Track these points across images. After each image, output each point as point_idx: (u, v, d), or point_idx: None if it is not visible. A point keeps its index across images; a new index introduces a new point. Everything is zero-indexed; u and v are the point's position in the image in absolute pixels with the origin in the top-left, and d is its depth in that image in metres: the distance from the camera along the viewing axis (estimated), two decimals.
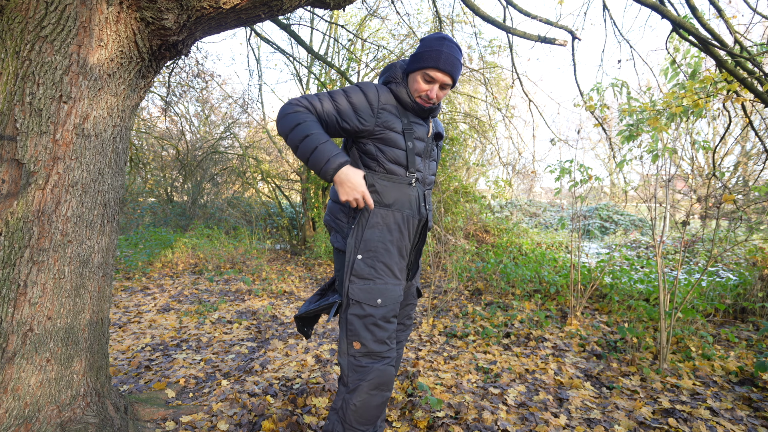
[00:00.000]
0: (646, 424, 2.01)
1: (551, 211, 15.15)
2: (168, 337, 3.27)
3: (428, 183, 1.64)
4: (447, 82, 1.49)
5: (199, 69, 9.00)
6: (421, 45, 1.51)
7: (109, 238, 1.69)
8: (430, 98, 1.50)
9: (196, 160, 9.77)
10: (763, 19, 3.97)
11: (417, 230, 1.59)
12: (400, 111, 1.54)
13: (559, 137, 5.48)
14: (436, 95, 1.51)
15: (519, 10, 3.61)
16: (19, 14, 1.43)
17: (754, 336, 3.20)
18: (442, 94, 1.54)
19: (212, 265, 6.21)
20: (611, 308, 3.92)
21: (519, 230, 8.15)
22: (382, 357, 1.48)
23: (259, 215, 9.90)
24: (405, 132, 1.52)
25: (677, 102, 3.15)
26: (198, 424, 1.95)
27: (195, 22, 1.63)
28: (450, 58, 1.46)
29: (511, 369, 2.66)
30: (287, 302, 4.48)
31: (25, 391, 1.44)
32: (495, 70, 7.94)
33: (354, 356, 1.47)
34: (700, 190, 8.25)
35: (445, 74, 1.48)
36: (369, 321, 1.46)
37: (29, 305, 1.45)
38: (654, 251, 5.68)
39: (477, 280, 4.99)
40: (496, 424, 2.00)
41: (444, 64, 1.46)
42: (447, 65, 1.46)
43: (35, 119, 1.44)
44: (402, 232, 1.52)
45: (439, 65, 1.45)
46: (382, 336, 1.47)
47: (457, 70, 1.50)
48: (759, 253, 4.12)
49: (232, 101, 10.71)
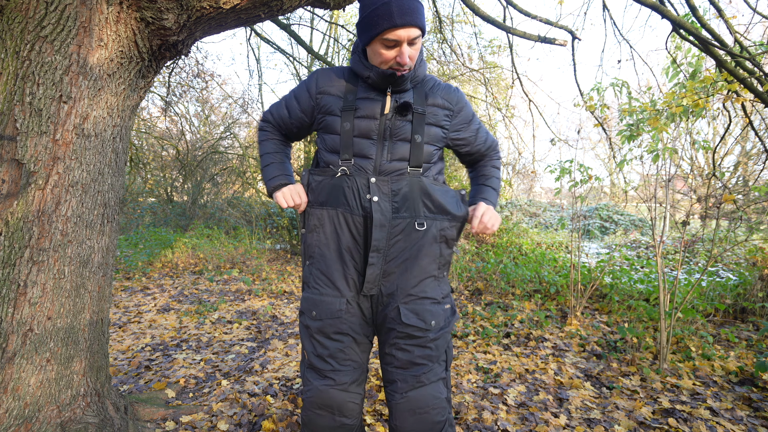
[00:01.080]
0: (646, 424, 2.01)
1: (551, 211, 15.15)
2: (168, 337, 3.27)
3: (387, 171, 1.29)
4: (413, 35, 1.18)
5: (199, 69, 9.00)
6: (363, 6, 1.21)
7: (109, 238, 1.69)
8: (403, 64, 1.22)
9: (196, 160, 9.77)
10: (763, 18, 3.97)
11: (362, 229, 1.29)
12: (348, 89, 1.31)
13: (559, 137, 5.48)
14: (408, 57, 1.21)
15: (519, 10, 3.62)
16: (19, 14, 1.43)
17: (754, 336, 3.20)
18: (414, 52, 1.23)
19: (212, 265, 6.21)
20: (611, 308, 3.91)
21: (519, 230, 8.15)
22: (323, 375, 1.33)
23: (259, 215, 9.90)
24: (343, 112, 1.29)
25: (677, 102, 3.15)
26: (198, 424, 1.95)
27: (195, 22, 1.63)
28: (403, 5, 1.15)
29: (511, 369, 2.66)
30: (287, 302, 4.48)
31: (25, 391, 1.44)
32: (495, 70, 7.95)
33: (303, 366, 1.40)
34: (700, 190, 8.25)
35: (408, 27, 1.16)
36: (308, 332, 1.35)
37: (29, 305, 1.45)
38: (654, 251, 5.67)
39: (477, 280, 4.99)
40: (496, 424, 2.00)
41: (400, 17, 1.14)
42: (405, 16, 1.15)
43: (35, 119, 1.44)
44: (338, 232, 1.30)
45: (395, 21, 1.15)
46: (322, 352, 1.32)
47: (419, 13, 1.18)
48: (759, 253, 4.12)
49: (232, 101, 10.72)
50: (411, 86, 1.33)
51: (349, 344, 1.34)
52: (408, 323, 1.29)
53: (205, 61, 17.67)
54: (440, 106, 1.34)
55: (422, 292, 1.31)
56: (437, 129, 1.34)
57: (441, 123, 1.35)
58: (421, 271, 1.31)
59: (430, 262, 1.32)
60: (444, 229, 1.33)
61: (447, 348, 1.37)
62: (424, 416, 1.30)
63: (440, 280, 1.36)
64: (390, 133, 1.30)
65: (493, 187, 1.47)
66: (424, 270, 1.31)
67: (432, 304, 1.32)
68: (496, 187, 1.48)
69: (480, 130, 1.46)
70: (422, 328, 1.30)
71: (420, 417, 1.30)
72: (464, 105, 1.41)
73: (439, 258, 1.34)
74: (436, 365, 1.33)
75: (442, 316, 1.33)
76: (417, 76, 1.32)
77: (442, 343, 1.34)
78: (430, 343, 1.31)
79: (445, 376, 1.36)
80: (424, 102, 1.33)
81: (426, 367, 1.32)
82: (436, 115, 1.34)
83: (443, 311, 1.34)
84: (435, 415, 1.31)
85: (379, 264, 1.30)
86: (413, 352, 1.31)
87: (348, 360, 1.34)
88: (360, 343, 1.36)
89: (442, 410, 1.33)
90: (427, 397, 1.31)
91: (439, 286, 1.35)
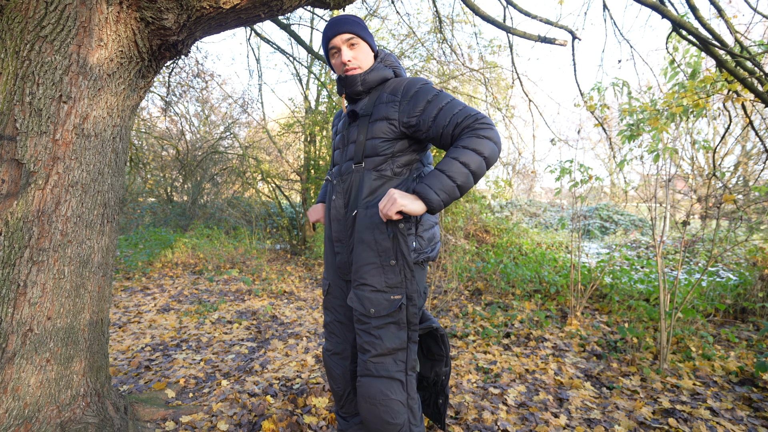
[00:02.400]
0: (646, 424, 2.01)
1: (551, 211, 15.14)
2: (168, 337, 3.27)
3: (344, 172, 1.49)
4: (345, 38, 1.43)
5: (199, 69, 9.00)
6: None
7: (109, 238, 1.68)
8: (345, 63, 1.44)
9: (196, 160, 9.77)
10: (763, 18, 3.96)
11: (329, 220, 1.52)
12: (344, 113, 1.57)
13: (559, 137, 5.48)
14: (349, 57, 1.43)
15: (519, 10, 3.61)
16: (19, 14, 1.43)
17: (754, 336, 3.20)
18: (353, 53, 1.44)
19: (212, 265, 6.21)
20: (611, 308, 3.91)
21: (519, 230, 8.15)
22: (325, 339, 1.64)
23: (259, 215, 9.90)
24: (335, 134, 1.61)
25: (677, 102, 3.15)
26: (198, 424, 1.95)
27: (195, 22, 1.63)
28: (332, 21, 1.44)
29: (511, 369, 2.66)
30: (287, 302, 4.48)
31: (24, 391, 1.44)
32: (495, 70, 7.94)
33: None
34: (700, 190, 8.24)
35: (337, 34, 1.43)
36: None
37: (29, 305, 1.45)
38: (654, 251, 5.67)
39: (477, 280, 4.99)
40: (496, 424, 2.00)
41: (330, 29, 1.43)
42: (333, 28, 1.43)
43: (35, 119, 1.44)
44: (327, 227, 1.57)
45: (327, 34, 1.44)
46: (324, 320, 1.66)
47: (349, 23, 1.43)
48: (759, 253, 4.12)
49: (232, 101, 10.71)
50: (363, 89, 1.45)
51: (334, 320, 1.58)
52: (352, 306, 1.41)
53: (205, 61, 17.69)
54: (386, 102, 1.41)
55: (362, 279, 1.38)
56: (383, 122, 1.39)
57: (388, 115, 1.38)
58: (359, 258, 1.38)
59: (366, 249, 1.37)
60: (373, 216, 1.36)
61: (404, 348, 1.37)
62: (372, 408, 1.35)
63: (385, 269, 1.35)
64: (346, 139, 1.50)
65: (440, 170, 1.28)
66: (362, 257, 1.38)
67: (371, 291, 1.36)
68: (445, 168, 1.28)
69: (442, 112, 1.33)
70: (363, 313, 1.38)
71: (369, 408, 1.36)
72: (416, 91, 1.37)
73: (375, 245, 1.35)
74: (387, 360, 1.36)
75: (384, 306, 1.34)
76: (367, 81, 1.44)
77: (389, 336, 1.35)
78: (373, 330, 1.36)
79: (401, 378, 1.36)
80: (373, 104, 1.44)
81: (370, 354, 1.36)
82: (380, 111, 1.41)
83: (386, 300, 1.35)
84: (383, 412, 1.33)
85: (344, 253, 1.48)
86: (362, 337, 1.40)
87: (333, 333, 1.59)
88: (343, 322, 1.56)
89: (393, 412, 1.34)
90: (374, 389, 1.35)
91: (383, 275, 1.35)
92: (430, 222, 1.47)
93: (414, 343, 1.38)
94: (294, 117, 8.99)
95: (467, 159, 1.26)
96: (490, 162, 1.29)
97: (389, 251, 1.35)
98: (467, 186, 1.29)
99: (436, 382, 1.57)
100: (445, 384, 1.58)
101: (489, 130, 1.28)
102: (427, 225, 1.45)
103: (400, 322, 1.35)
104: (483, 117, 1.30)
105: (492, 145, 1.28)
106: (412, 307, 1.36)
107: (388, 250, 1.35)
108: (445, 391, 1.59)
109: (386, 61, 1.49)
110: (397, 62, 1.53)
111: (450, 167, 1.27)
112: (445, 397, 1.59)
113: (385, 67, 1.47)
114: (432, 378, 1.55)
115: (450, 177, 1.27)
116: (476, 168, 1.27)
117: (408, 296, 1.35)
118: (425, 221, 1.44)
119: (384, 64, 1.48)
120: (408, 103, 1.37)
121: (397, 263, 1.35)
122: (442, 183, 1.27)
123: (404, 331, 1.36)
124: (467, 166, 1.26)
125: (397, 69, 1.50)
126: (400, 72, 1.51)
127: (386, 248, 1.34)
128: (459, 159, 1.26)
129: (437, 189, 1.27)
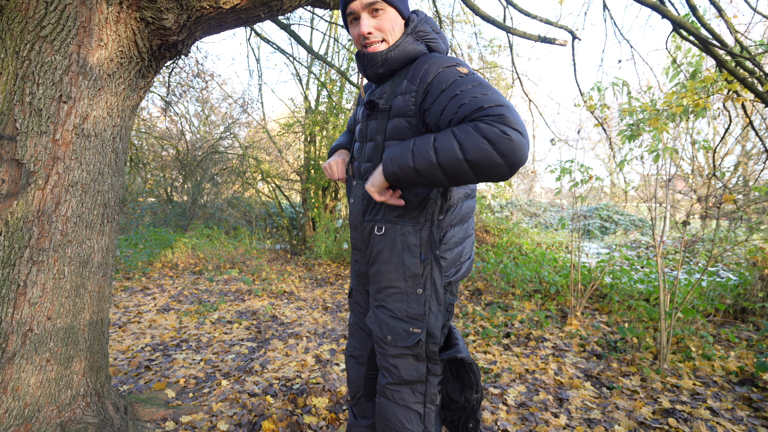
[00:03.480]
0: (646, 424, 2.01)
1: (551, 211, 15.14)
2: (168, 337, 3.27)
3: (363, 173, 1.26)
4: (366, 1, 1.14)
5: (199, 69, 9.00)
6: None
7: (109, 238, 1.68)
8: (366, 36, 1.16)
9: (196, 160, 9.77)
10: (763, 18, 3.96)
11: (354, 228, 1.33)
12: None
13: (559, 137, 5.48)
14: (369, 28, 1.15)
15: (519, 10, 3.61)
16: (19, 14, 1.43)
17: (754, 336, 3.20)
18: (376, 22, 1.16)
19: (212, 265, 6.21)
20: (611, 308, 3.91)
21: (519, 230, 8.15)
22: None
23: (259, 215, 9.90)
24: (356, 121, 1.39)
25: (677, 102, 3.15)
26: (198, 424, 1.95)
27: (195, 22, 1.63)
28: None
29: (511, 369, 2.66)
30: (287, 302, 4.48)
31: (24, 391, 1.44)
32: (495, 70, 7.94)
33: None
34: (700, 190, 8.24)
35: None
36: None
37: (29, 305, 1.45)
38: (654, 251, 5.67)
39: (477, 280, 4.99)
40: (496, 424, 2.00)
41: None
42: None
43: (35, 119, 1.44)
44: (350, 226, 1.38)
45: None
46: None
47: None
48: (759, 253, 4.12)
49: (232, 101, 10.71)
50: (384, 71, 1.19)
51: (355, 323, 1.51)
52: (369, 325, 1.28)
53: (205, 61, 17.70)
54: (404, 92, 1.14)
55: (383, 301, 1.23)
56: (401, 120, 1.15)
57: (406, 112, 1.13)
58: (382, 277, 1.22)
59: (392, 271, 1.20)
60: (405, 235, 1.17)
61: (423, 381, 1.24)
62: (387, 430, 1.27)
63: (409, 296, 1.18)
64: (365, 134, 1.26)
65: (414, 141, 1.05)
66: (385, 278, 1.22)
67: (390, 317, 1.21)
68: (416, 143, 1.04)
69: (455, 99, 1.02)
70: (380, 337, 1.24)
71: (384, 428, 1.28)
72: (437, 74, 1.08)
73: (402, 268, 1.18)
74: (404, 389, 1.24)
75: (401, 336, 1.19)
76: (390, 60, 1.16)
77: (406, 367, 1.21)
78: (390, 358, 1.23)
79: (419, 410, 1.24)
80: (395, 92, 1.17)
81: (387, 381, 1.25)
82: (398, 105, 1.15)
83: (404, 331, 1.19)
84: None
85: (362, 262, 1.32)
86: (380, 358, 1.27)
87: (353, 336, 1.52)
88: (363, 329, 1.47)
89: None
90: (391, 414, 1.25)
91: (405, 302, 1.19)
92: (455, 239, 1.25)
93: (434, 376, 1.24)
94: (294, 117, 8.99)
95: (442, 145, 0.98)
96: (476, 168, 0.96)
97: (418, 278, 1.17)
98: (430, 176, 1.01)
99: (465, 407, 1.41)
100: (476, 409, 1.42)
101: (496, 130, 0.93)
102: (451, 243, 1.24)
103: (419, 356, 1.21)
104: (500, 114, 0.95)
105: (486, 149, 0.93)
106: (432, 345, 1.20)
107: (417, 277, 1.17)
108: (476, 415, 1.43)
109: (419, 30, 1.18)
110: (435, 30, 1.21)
111: (419, 145, 1.02)
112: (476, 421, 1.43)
113: (415, 40, 1.17)
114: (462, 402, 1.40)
115: (413, 153, 1.02)
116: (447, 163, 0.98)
117: (429, 332, 1.19)
118: (449, 239, 1.23)
119: (416, 35, 1.18)
120: (425, 93, 1.09)
121: (425, 293, 1.17)
122: (401, 155, 1.04)
123: (423, 364, 1.22)
124: (436, 153, 0.98)
125: (432, 42, 1.19)
126: (437, 45, 1.20)
127: (415, 274, 1.17)
128: (435, 142, 1.00)
129: (392, 157, 1.06)
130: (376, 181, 1.12)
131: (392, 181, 1.08)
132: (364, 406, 1.52)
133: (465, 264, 1.31)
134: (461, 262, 1.29)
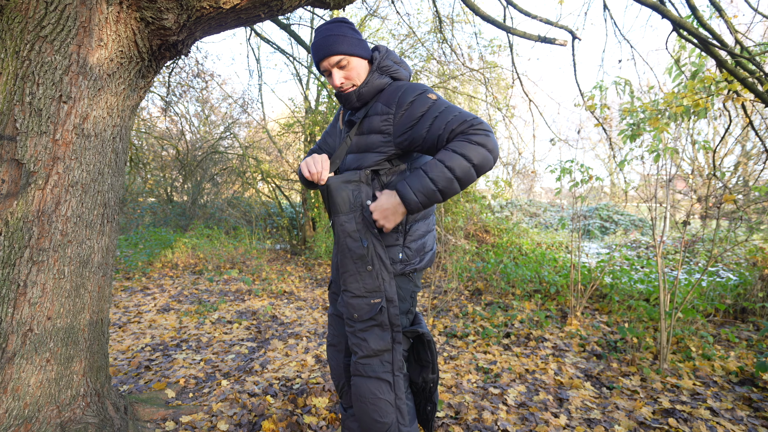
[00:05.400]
0: (646, 424, 2.01)
1: (551, 211, 15.15)
2: (168, 337, 3.27)
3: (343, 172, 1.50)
4: (333, 62, 1.38)
5: (199, 69, 9.00)
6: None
7: (109, 238, 1.68)
8: (339, 87, 1.41)
9: (196, 160, 9.77)
10: (763, 18, 3.97)
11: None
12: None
13: (559, 137, 5.48)
14: (340, 80, 1.40)
15: (519, 10, 3.61)
16: (19, 14, 1.43)
17: (754, 336, 3.20)
18: (344, 74, 1.41)
19: (212, 265, 6.21)
20: (611, 308, 3.91)
21: (519, 230, 8.14)
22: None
23: (259, 215, 9.90)
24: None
25: (678, 102, 3.15)
26: (198, 424, 1.95)
27: (195, 22, 1.63)
28: (317, 43, 1.39)
29: (511, 369, 2.66)
30: (287, 302, 4.48)
31: (24, 391, 1.44)
32: (495, 70, 7.94)
33: None
34: (700, 190, 8.24)
35: (325, 58, 1.39)
36: None
37: (29, 305, 1.45)
38: (654, 251, 5.67)
39: (477, 280, 4.99)
40: (496, 424, 2.00)
41: (316, 53, 1.40)
42: (319, 52, 1.39)
43: (35, 119, 1.44)
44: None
45: (315, 58, 1.42)
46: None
47: (335, 43, 1.37)
48: (759, 253, 4.12)
49: (232, 101, 10.71)
50: (359, 105, 1.43)
51: (333, 312, 1.64)
52: (341, 310, 1.45)
53: (205, 61, 17.69)
54: (379, 113, 1.37)
55: (344, 285, 1.41)
56: (376, 136, 1.37)
57: (380, 128, 1.36)
58: (342, 264, 1.41)
59: (344, 257, 1.39)
60: (342, 224, 1.37)
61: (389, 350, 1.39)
62: (363, 407, 1.39)
63: (362, 275, 1.37)
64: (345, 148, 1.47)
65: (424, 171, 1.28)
66: (342, 264, 1.40)
67: (352, 297, 1.39)
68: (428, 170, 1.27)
69: (437, 120, 1.29)
70: (348, 317, 1.42)
71: (360, 406, 1.40)
72: (411, 103, 1.33)
73: (349, 253, 1.37)
74: (373, 361, 1.39)
75: (365, 310, 1.37)
76: (363, 95, 1.41)
77: (373, 338, 1.38)
78: (359, 332, 1.40)
79: (388, 379, 1.39)
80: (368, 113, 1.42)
81: (358, 356, 1.40)
82: (372, 124, 1.38)
83: (367, 305, 1.37)
84: (372, 411, 1.38)
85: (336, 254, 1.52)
86: (350, 339, 1.43)
87: (331, 325, 1.64)
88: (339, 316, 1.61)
89: (382, 411, 1.38)
90: (365, 389, 1.39)
91: (360, 281, 1.37)
92: (419, 232, 1.44)
93: (398, 344, 1.40)
94: (294, 117, 9.00)
95: (453, 163, 1.23)
96: (480, 169, 1.25)
97: (364, 258, 1.36)
98: (449, 191, 1.27)
99: (424, 389, 1.54)
100: (433, 391, 1.55)
101: (483, 136, 1.23)
102: (415, 235, 1.43)
103: (383, 324, 1.38)
104: (479, 123, 1.25)
105: (484, 153, 1.23)
106: (393, 309, 1.37)
107: (363, 257, 1.36)
108: (433, 398, 1.56)
109: (383, 65, 1.43)
110: (395, 62, 1.45)
111: (433, 170, 1.25)
112: (432, 404, 1.57)
113: (381, 75, 1.42)
114: (420, 384, 1.54)
115: (432, 180, 1.25)
116: (462, 174, 1.24)
117: (388, 298, 1.37)
118: (413, 231, 1.43)
119: (380, 69, 1.42)
120: (403, 116, 1.33)
121: (374, 268, 1.36)
122: (423, 185, 1.26)
123: (388, 333, 1.38)
124: (452, 171, 1.24)
125: (395, 73, 1.44)
126: (399, 74, 1.45)
127: (360, 255, 1.36)
128: (445, 162, 1.24)
129: (416, 190, 1.27)
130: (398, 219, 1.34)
131: (415, 211, 1.31)
132: (349, 394, 1.60)
133: (428, 254, 1.49)
134: (425, 252, 1.47)
